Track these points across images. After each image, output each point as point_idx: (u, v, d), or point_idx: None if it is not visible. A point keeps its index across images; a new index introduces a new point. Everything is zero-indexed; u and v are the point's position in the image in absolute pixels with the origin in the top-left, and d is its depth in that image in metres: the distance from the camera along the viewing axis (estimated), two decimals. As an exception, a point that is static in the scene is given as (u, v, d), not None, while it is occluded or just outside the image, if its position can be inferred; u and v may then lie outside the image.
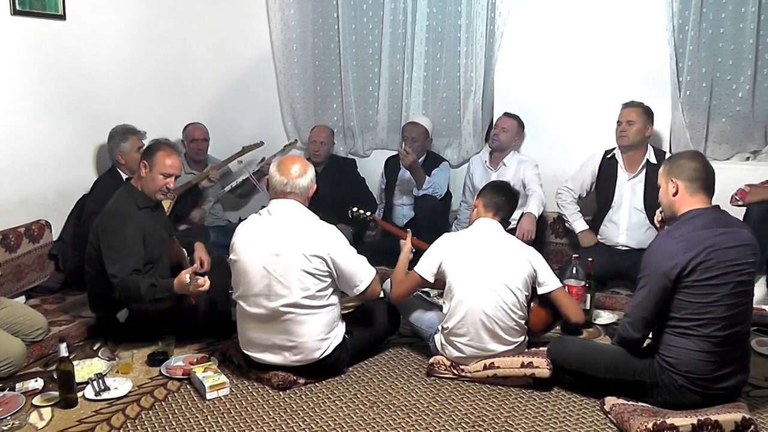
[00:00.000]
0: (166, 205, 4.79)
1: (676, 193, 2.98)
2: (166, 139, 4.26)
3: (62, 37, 4.69)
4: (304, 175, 3.39)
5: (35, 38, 4.50)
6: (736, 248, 2.88)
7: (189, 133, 5.51)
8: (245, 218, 3.55)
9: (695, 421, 2.78)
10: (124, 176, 4.49)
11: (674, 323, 2.93)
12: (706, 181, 2.98)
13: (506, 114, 5.17)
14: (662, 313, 2.96)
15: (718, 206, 3.00)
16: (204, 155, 5.57)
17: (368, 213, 4.50)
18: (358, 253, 3.47)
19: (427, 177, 5.10)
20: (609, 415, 3.03)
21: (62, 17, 4.65)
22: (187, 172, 5.46)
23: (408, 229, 3.98)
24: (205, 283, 3.43)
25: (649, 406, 2.98)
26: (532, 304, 3.50)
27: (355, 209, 4.52)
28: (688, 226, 2.92)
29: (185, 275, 3.43)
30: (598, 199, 4.81)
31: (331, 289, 3.37)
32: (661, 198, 3.10)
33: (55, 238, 4.65)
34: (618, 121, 4.59)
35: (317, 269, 3.27)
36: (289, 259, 3.25)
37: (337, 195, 5.20)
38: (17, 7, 4.30)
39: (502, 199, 3.56)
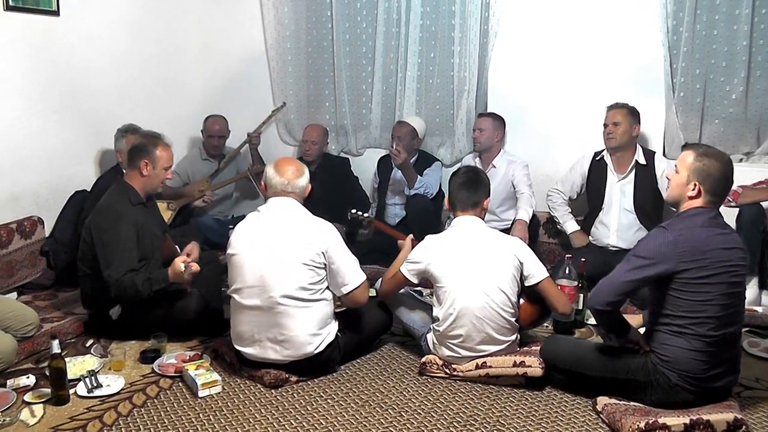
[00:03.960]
0: (167, 216, 4.78)
1: (694, 197, 2.94)
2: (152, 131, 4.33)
3: (55, 33, 4.68)
4: (302, 176, 3.47)
5: (28, 34, 4.48)
6: (731, 250, 2.90)
7: (208, 127, 5.59)
8: (239, 216, 3.56)
9: (687, 421, 2.79)
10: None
11: (669, 321, 2.94)
12: (723, 197, 2.99)
13: (480, 114, 5.18)
14: (657, 311, 2.98)
15: (716, 207, 2.99)
16: (219, 151, 5.65)
17: (366, 214, 4.47)
18: (352, 252, 3.49)
19: (419, 177, 5.10)
20: (601, 415, 3.03)
21: (56, 13, 4.65)
22: (203, 158, 5.57)
23: (410, 235, 3.94)
24: (197, 268, 3.55)
25: (641, 405, 2.99)
26: (521, 300, 3.50)
27: (353, 211, 4.49)
28: (687, 222, 2.93)
29: (179, 263, 3.51)
30: (589, 200, 4.83)
31: (325, 283, 3.40)
32: (672, 184, 3.03)
33: (47, 235, 4.64)
34: (604, 124, 4.59)
35: (313, 261, 3.30)
36: (286, 251, 3.29)
37: (330, 194, 5.20)
38: (11, 3, 4.30)
39: (470, 194, 3.52)
